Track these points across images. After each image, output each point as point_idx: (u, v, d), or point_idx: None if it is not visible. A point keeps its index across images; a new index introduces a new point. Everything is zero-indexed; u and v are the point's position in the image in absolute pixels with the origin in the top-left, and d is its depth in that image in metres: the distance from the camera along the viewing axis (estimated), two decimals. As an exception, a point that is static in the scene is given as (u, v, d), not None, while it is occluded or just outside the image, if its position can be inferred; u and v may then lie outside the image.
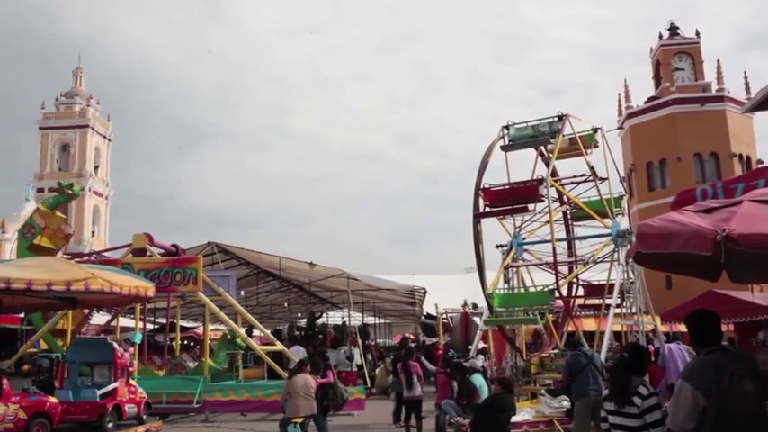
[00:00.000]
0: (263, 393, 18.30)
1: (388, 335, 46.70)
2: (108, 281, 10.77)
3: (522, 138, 17.03)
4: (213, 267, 23.49)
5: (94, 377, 12.73)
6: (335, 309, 37.54)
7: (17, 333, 24.77)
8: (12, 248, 45.57)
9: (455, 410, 12.23)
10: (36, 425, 10.70)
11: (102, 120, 66.08)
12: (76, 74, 67.10)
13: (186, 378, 18.60)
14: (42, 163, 62.53)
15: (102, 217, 64.58)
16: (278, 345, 21.92)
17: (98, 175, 63.98)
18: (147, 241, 20.22)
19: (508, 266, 16.97)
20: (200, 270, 18.89)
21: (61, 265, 11.59)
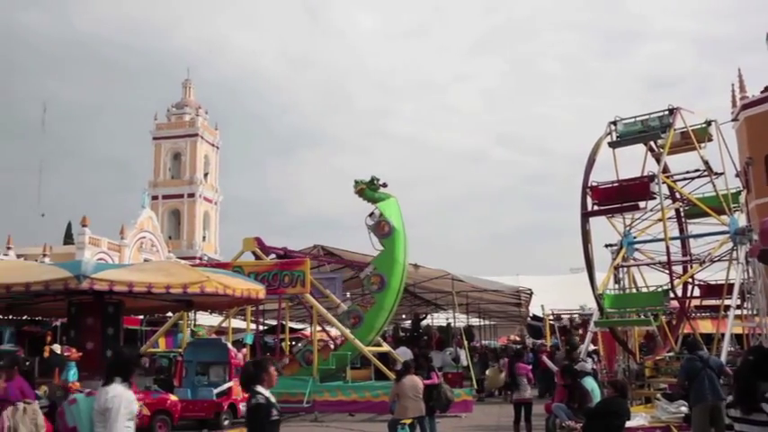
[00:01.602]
0: (371, 394, 18.46)
1: (492, 336, 46.22)
2: (222, 283, 11.15)
3: (631, 133, 16.50)
4: (320, 270, 23.90)
5: (210, 376, 13.20)
6: (440, 310, 37.42)
7: (137, 334, 25.97)
8: (130, 253, 47.89)
9: (566, 414, 11.96)
10: (158, 421, 11.19)
11: (211, 128, 68.55)
12: (186, 85, 69.92)
13: (296, 378, 19.00)
14: (156, 171, 65.47)
15: (213, 222, 66.97)
16: (384, 346, 22.06)
17: (208, 182, 66.39)
18: (256, 245, 20.77)
19: (618, 266, 16.47)
20: (308, 272, 19.23)
21: (178, 268, 12.08)
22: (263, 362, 6.04)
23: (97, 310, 12.21)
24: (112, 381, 5.52)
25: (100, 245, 45.45)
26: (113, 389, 5.47)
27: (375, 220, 20.74)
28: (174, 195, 64.21)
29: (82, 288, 10.05)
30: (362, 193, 21.15)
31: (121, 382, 5.52)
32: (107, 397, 5.43)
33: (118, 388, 5.48)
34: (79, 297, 11.92)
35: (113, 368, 5.62)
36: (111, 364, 5.71)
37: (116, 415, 5.36)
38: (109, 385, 5.50)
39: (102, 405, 5.43)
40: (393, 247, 20.62)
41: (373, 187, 21.10)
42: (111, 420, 5.36)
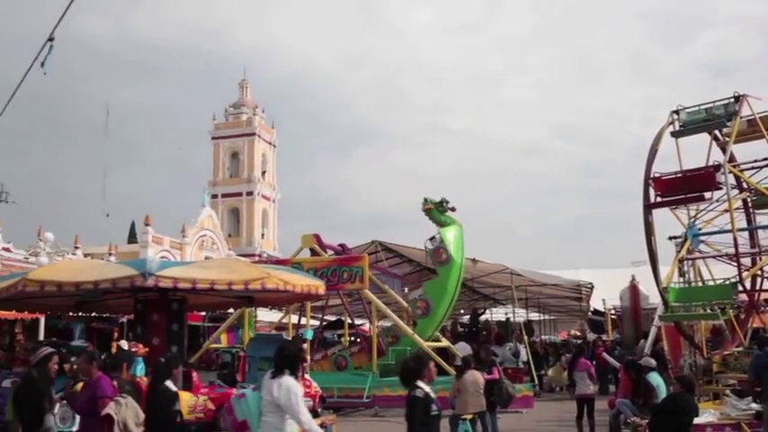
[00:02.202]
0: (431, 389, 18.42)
1: (552, 331, 45.68)
2: (282, 279, 11.27)
3: (695, 122, 16.07)
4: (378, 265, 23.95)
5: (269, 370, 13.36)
6: (498, 305, 37.15)
7: (200, 330, 26.50)
8: (191, 251, 48.85)
9: (631, 410, 11.74)
10: (223, 416, 11.38)
11: (267, 127, 69.37)
12: (242, 85, 70.92)
13: (356, 373, 19.10)
14: (215, 171, 66.61)
15: (271, 220, 67.82)
16: (443, 341, 22.00)
17: (265, 180, 67.23)
18: (315, 241, 20.93)
19: (683, 259, 16.07)
20: (366, 268, 19.30)
21: (240, 265, 12.27)
22: (424, 358, 6.31)
23: (162, 307, 12.48)
24: (282, 373, 5.82)
25: (162, 243, 46.49)
26: (285, 380, 5.78)
27: (435, 245, 20.69)
28: (233, 194, 65.23)
29: (147, 285, 10.28)
30: (429, 213, 21.12)
31: (290, 374, 5.84)
32: (280, 388, 5.74)
33: (288, 379, 5.80)
34: (145, 294, 12.20)
35: (282, 361, 5.94)
36: (279, 358, 6.01)
37: (296, 402, 5.72)
38: (280, 377, 5.79)
39: (274, 396, 5.74)
40: (447, 276, 20.56)
41: (441, 209, 21.05)
42: (293, 407, 5.71)
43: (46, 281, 10.25)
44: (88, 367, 6.63)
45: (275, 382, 5.81)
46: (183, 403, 10.89)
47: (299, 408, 5.75)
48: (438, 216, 21.03)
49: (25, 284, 10.22)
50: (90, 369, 6.66)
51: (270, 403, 5.80)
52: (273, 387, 5.80)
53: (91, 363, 6.65)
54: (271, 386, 5.83)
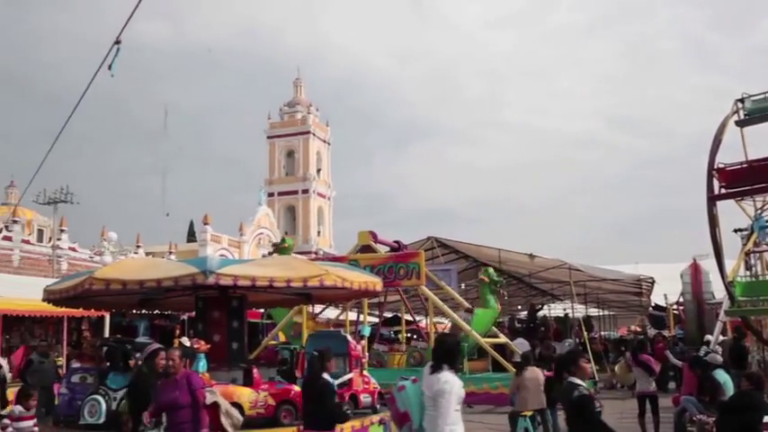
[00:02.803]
0: (489, 386, 18.32)
1: (612, 327, 44.93)
2: (340, 277, 11.30)
3: (761, 110, 15.58)
4: (434, 262, 23.91)
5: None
6: (556, 301, 36.72)
7: (258, 327, 26.80)
8: (249, 249, 49.54)
9: (697, 408, 11.44)
10: (283, 411, 11.47)
11: (322, 125, 69.81)
12: (296, 84, 71.48)
13: (415, 370, 19.07)
14: (271, 169, 67.34)
15: (326, 217, 68.26)
16: (501, 337, 21.84)
17: (320, 178, 67.69)
18: (371, 238, 20.99)
19: (750, 252, 15.61)
20: (423, 265, 19.27)
21: (298, 263, 12.35)
22: (576, 353, 6.23)
23: (222, 305, 12.65)
24: (441, 368, 5.79)
25: (221, 242, 47.28)
26: (444, 375, 5.75)
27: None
28: (288, 192, 65.85)
29: (208, 283, 10.41)
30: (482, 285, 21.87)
31: (449, 369, 5.80)
32: (439, 383, 5.71)
33: (447, 374, 5.76)
34: (206, 292, 12.38)
35: (441, 356, 5.90)
36: (438, 352, 5.99)
37: (449, 399, 5.66)
38: (439, 372, 5.76)
39: (433, 390, 5.71)
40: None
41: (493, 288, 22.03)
42: (444, 404, 5.65)
43: (111, 279, 10.48)
44: (181, 362, 6.78)
45: (434, 378, 5.76)
46: (244, 398, 11.05)
47: (449, 406, 5.67)
48: (486, 293, 21.81)
49: (91, 283, 10.47)
50: (182, 364, 6.82)
51: (430, 398, 5.75)
52: (433, 382, 5.75)
53: (182, 358, 6.82)
54: (430, 381, 5.78)
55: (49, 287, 12.61)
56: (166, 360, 6.66)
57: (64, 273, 30.70)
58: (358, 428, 12.17)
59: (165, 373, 6.64)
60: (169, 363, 6.61)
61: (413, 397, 5.90)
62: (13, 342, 18.98)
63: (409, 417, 5.89)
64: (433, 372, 5.82)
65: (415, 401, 5.87)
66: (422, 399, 5.84)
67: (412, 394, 5.92)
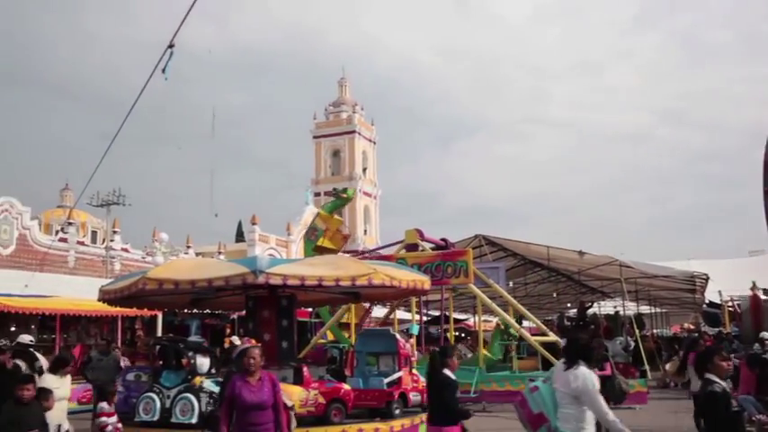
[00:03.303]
0: (539, 385, 18.13)
1: (664, 324, 44.10)
2: (388, 275, 11.30)
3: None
4: (482, 259, 23.77)
5: (380, 366, 13.44)
6: (607, 298, 36.18)
7: (307, 326, 26.99)
8: (296, 249, 49.89)
9: (755, 407, 11.17)
10: (333, 409, 11.53)
11: (367, 124, 69.98)
12: (341, 84, 71.78)
13: (463, 369, 18.99)
14: (317, 169, 67.77)
15: (373, 216, 68.43)
16: (551, 335, 21.60)
17: (366, 177, 67.87)
18: (418, 236, 20.95)
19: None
20: (470, 263, 19.14)
21: (346, 262, 12.38)
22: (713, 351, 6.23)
23: (272, 304, 12.77)
24: (576, 364, 5.81)
25: (268, 241, 47.72)
26: (581, 371, 5.76)
27: None
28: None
29: (258, 282, 10.51)
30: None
31: (585, 365, 5.82)
32: (578, 380, 5.73)
33: (584, 370, 5.78)
34: (256, 291, 12.52)
35: (575, 352, 5.94)
36: (572, 348, 6.03)
37: (594, 393, 5.67)
38: (576, 368, 5.78)
39: (571, 387, 5.73)
40: None
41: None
42: (591, 399, 5.66)
43: (163, 279, 10.65)
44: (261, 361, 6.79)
45: (570, 374, 5.75)
46: (294, 397, 11.13)
47: (596, 397, 5.65)
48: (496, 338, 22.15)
49: (145, 283, 10.66)
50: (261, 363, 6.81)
51: (566, 395, 5.73)
52: (569, 378, 5.73)
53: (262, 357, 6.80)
54: (566, 378, 5.77)
55: (104, 287, 12.88)
56: (248, 358, 6.52)
57: (117, 273, 31.35)
58: (408, 427, 12.17)
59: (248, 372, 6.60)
60: (251, 361, 6.49)
61: (547, 397, 5.87)
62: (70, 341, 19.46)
63: (545, 417, 5.84)
64: (568, 368, 5.79)
65: (549, 402, 5.84)
66: (555, 397, 5.82)
67: (546, 395, 5.89)
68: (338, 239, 22.24)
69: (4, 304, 16.21)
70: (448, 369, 7.41)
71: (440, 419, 7.29)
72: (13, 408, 6.66)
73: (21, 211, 30.64)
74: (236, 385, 6.44)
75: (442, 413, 7.27)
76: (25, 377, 7.05)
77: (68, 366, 9.68)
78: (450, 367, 7.44)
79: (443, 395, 7.29)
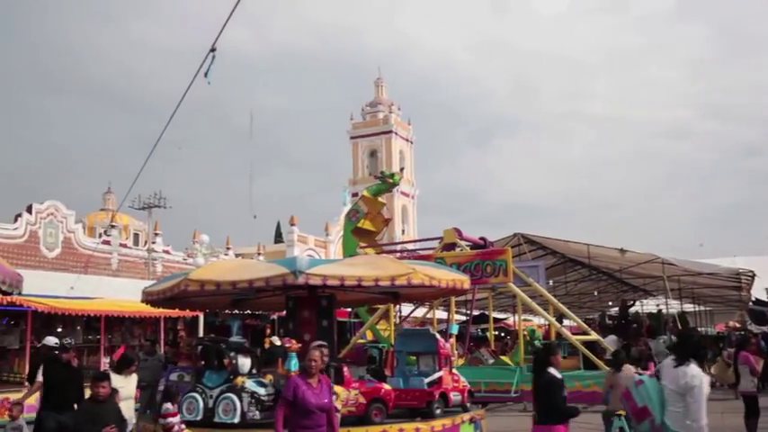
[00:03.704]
0: (581, 384, 17.95)
1: (709, 323, 43.29)
2: (428, 275, 11.26)
3: None
4: (521, 258, 23.61)
5: (420, 366, 13.39)
6: (649, 296, 35.66)
7: (346, 326, 27.08)
8: (335, 249, 50.09)
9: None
10: (374, 409, 11.52)
11: (404, 124, 70.00)
12: (378, 84, 71.91)
13: (504, 368, 18.90)
14: (355, 169, 68.00)
15: (410, 216, 68.42)
16: (592, 334, 21.37)
17: (404, 177, 67.83)
18: (456, 235, 20.88)
19: None
20: (510, 261, 19.03)
21: (386, 262, 12.38)
22: None
23: (312, 304, 12.81)
24: (689, 361, 5.82)
25: (307, 242, 47.98)
26: (691, 369, 5.78)
27: None
28: (372, 193, 66.18)
29: (298, 283, 10.57)
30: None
31: (696, 363, 5.84)
32: (686, 377, 5.74)
33: (695, 368, 5.80)
34: (295, 292, 12.58)
35: (686, 349, 5.96)
36: (683, 346, 6.06)
37: (699, 392, 5.68)
38: (687, 365, 5.79)
39: (679, 385, 5.75)
40: None
41: None
42: (695, 398, 5.67)
43: (205, 280, 10.77)
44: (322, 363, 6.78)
45: (680, 370, 5.74)
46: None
47: (701, 397, 5.63)
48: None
49: (187, 284, 10.79)
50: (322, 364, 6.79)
51: (675, 393, 5.73)
52: (678, 375, 5.73)
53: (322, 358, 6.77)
54: (675, 374, 5.76)
55: (147, 289, 13.06)
56: (309, 360, 6.48)
57: (159, 275, 31.81)
58: (449, 427, 12.11)
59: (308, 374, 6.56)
60: (312, 363, 6.44)
61: (652, 392, 5.86)
62: (114, 341, 19.78)
63: (649, 411, 5.83)
64: (678, 365, 5.75)
65: (655, 396, 5.83)
66: (662, 394, 5.79)
67: (651, 389, 5.88)
68: (379, 222, 22.25)
69: (51, 306, 16.55)
70: (553, 367, 7.34)
71: (547, 419, 7.20)
72: (90, 405, 6.81)
73: (65, 215, 31.29)
74: (298, 387, 6.34)
75: (548, 413, 7.19)
76: (101, 375, 7.23)
77: (133, 366, 10.01)
78: (555, 365, 7.38)
79: (550, 394, 7.20)
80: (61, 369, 10.15)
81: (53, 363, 10.27)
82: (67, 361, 10.51)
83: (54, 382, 9.91)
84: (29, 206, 30.05)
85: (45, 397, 9.99)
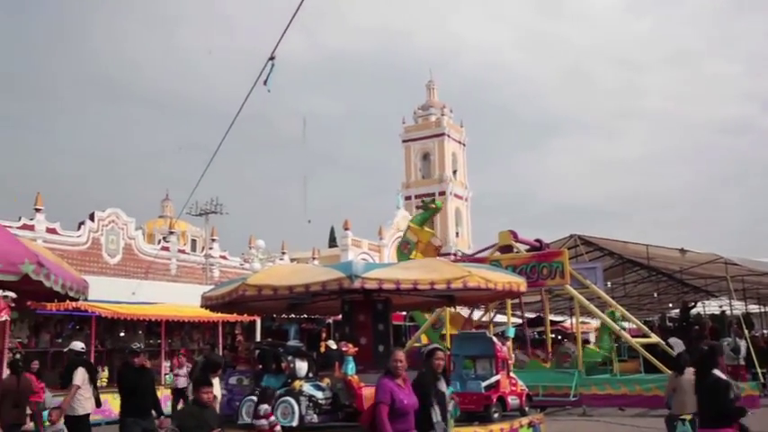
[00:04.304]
0: (642, 388, 17.60)
1: (775, 324, 41.99)
2: (484, 278, 11.17)
3: None
4: (577, 260, 23.27)
5: (477, 370, 13.31)
6: (711, 297, 34.75)
7: (401, 329, 27.09)
8: (388, 253, 50.16)
9: None
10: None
11: (456, 126, 69.75)
12: (429, 86, 71.82)
13: (562, 371, 18.65)
14: (407, 173, 67.99)
15: (464, 218, 68.09)
16: (653, 337, 20.92)
17: (457, 179, 67.62)
18: (511, 238, 20.70)
19: None
20: (566, 263, 18.78)
21: (441, 265, 12.34)
22: None
23: (368, 308, 12.83)
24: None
25: (361, 246, 48.19)
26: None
27: None
28: (426, 194, 66.07)
29: (354, 287, 10.60)
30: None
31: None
32: None
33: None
34: (351, 295, 12.62)
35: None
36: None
37: None
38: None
39: None
40: None
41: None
42: None
43: (262, 285, 10.89)
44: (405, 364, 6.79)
45: None
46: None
47: None
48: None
49: (245, 289, 10.92)
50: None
51: None
52: None
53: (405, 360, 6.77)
54: None
55: (206, 294, 13.26)
56: (396, 361, 6.42)
57: (216, 280, 32.33)
58: (507, 430, 12.00)
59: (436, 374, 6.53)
60: (398, 364, 6.39)
61: None
62: (174, 345, 20.16)
63: None
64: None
65: None
66: None
67: None
68: (430, 251, 22.18)
69: (115, 311, 16.98)
70: (717, 369, 7.23)
71: (713, 422, 7.08)
72: (195, 409, 6.89)
73: (126, 222, 32.08)
74: (393, 390, 6.27)
75: (715, 415, 7.07)
76: (206, 380, 7.20)
77: (219, 370, 9.97)
78: (720, 367, 7.27)
79: (717, 396, 7.07)
80: (136, 374, 10.17)
81: (127, 368, 10.29)
82: (141, 365, 10.55)
83: (132, 386, 9.95)
84: (91, 214, 30.90)
85: (125, 403, 10.01)
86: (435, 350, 6.71)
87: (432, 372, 7.19)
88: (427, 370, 6.72)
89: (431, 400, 6.93)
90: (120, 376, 10.15)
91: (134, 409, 9.73)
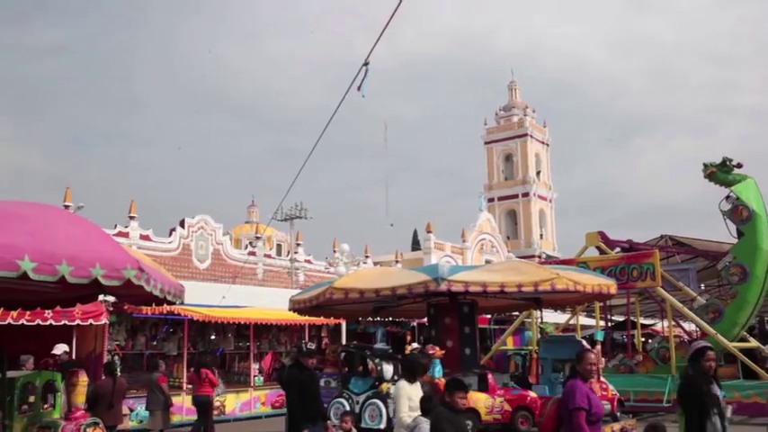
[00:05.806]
0: (741, 394, 16.86)
1: None
2: (572, 280, 11.01)
3: None
4: (669, 261, 22.53)
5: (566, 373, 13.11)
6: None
7: (487, 332, 26.84)
8: (471, 255, 49.86)
9: None
10: (520, 417, 11.38)
11: (539, 126, 68.70)
12: (511, 87, 71.04)
13: (654, 376, 18.08)
14: (490, 174, 67.38)
15: (548, 219, 66.97)
16: (751, 341, 20.05)
17: (540, 180, 66.58)
18: (599, 239, 20.23)
19: None
20: (657, 265, 18.20)
21: (528, 267, 12.21)
22: None
23: (454, 311, 12.83)
24: None
25: (444, 249, 48.00)
26: None
27: (731, 204, 18.86)
28: (508, 196, 65.46)
29: (440, 290, 10.62)
30: (713, 177, 19.32)
31: None
32: None
33: None
34: (437, 298, 12.64)
35: None
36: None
37: None
38: None
39: None
40: (754, 232, 18.59)
41: (726, 169, 19.16)
42: None
43: (349, 288, 11.04)
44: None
45: None
46: (480, 404, 11.09)
47: None
48: (724, 177, 19.21)
49: (332, 292, 11.11)
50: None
51: None
52: None
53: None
54: None
55: (294, 297, 13.53)
56: (589, 364, 5.90)
57: (301, 284, 32.80)
58: (598, 437, 11.75)
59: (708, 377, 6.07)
60: (592, 366, 5.93)
61: None
62: (262, 348, 20.52)
63: None
64: None
65: None
66: None
67: None
68: None
69: (206, 314, 17.43)
70: None
71: None
72: (450, 414, 6.46)
73: (214, 228, 32.96)
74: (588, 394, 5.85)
75: None
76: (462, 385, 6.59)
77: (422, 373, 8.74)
78: None
79: None
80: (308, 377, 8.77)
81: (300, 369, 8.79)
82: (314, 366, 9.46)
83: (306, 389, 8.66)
84: (182, 220, 31.90)
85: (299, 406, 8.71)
86: (705, 349, 6.05)
87: (703, 374, 6.35)
88: (697, 372, 6.05)
89: (707, 407, 6.13)
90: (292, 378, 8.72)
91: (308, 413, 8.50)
